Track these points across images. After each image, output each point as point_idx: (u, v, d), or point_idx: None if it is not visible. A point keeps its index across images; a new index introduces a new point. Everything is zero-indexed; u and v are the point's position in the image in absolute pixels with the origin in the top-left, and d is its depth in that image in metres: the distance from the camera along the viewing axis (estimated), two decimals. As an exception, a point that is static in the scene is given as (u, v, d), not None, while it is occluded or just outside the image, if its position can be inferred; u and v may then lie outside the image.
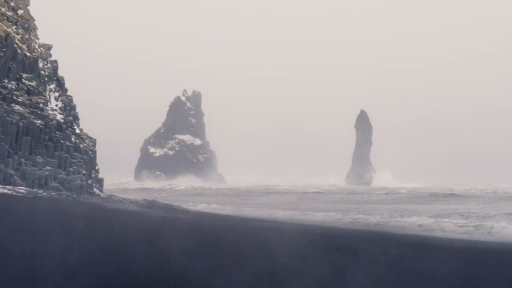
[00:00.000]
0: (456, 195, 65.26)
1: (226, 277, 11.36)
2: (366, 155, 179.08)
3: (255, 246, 17.01)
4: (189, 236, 19.33)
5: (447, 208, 43.94)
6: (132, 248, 14.61)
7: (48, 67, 52.65)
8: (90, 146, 50.94)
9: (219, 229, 23.68)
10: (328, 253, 15.76)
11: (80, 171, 47.26)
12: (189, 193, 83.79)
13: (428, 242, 21.22)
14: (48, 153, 45.22)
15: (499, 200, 55.78)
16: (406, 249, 17.68)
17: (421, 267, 14.11)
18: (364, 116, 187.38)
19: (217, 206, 46.54)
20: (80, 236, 16.93)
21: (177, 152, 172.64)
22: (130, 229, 20.57)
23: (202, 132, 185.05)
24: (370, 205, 51.04)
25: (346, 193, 76.10)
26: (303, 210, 41.77)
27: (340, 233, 24.00)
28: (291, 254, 15.24)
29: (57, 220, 21.53)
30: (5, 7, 48.83)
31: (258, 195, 73.34)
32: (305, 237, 20.28)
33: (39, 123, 45.16)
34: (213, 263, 13.12)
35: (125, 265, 11.92)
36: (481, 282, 12.91)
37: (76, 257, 12.50)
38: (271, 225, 26.46)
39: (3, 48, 45.48)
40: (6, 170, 41.15)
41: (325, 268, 13.22)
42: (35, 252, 12.69)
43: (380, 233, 24.23)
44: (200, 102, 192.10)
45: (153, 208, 38.48)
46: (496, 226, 25.83)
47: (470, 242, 22.11)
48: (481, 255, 18.10)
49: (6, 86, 44.75)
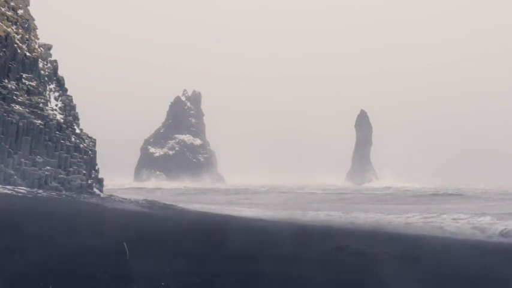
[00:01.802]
0: (458, 195, 65.27)
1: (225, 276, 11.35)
2: (366, 154, 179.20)
3: (255, 247, 17.00)
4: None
5: (447, 208, 43.92)
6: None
7: (48, 67, 52.65)
8: (90, 146, 50.93)
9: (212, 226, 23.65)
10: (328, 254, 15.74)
11: (80, 171, 47.25)
12: (181, 192, 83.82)
13: (430, 241, 21.21)
14: (48, 153, 45.21)
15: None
16: (409, 250, 17.67)
17: (425, 267, 14.10)
18: (364, 115, 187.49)
19: (215, 206, 46.52)
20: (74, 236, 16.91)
21: (177, 152, 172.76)
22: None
23: (202, 132, 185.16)
24: (371, 205, 51.01)
25: (346, 193, 76.09)
26: (302, 209, 41.77)
27: (341, 232, 23.98)
28: (283, 255, 15.23)
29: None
30: (5, 7, 48.81)
31: (258, 195, 73.34)
32: (301, 238, 20.25)
33: (39, 123, 45.16)
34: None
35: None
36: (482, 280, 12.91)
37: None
38: (271, 225, 26.45)
39: (3, 48, 45.47)
40: (6, 170, 41.14)
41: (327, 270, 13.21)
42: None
43: (380, 233, 24.22)
44: (200, 102, 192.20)
45: (152, 208, 38.48)
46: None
47: (473, 241, 22.09)
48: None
49: (6, 86, 44.74)
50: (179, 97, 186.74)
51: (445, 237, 23.42)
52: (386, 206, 49.63)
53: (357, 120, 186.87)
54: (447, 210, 40.51)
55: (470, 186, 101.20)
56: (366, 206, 49.63)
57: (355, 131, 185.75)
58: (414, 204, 52.25)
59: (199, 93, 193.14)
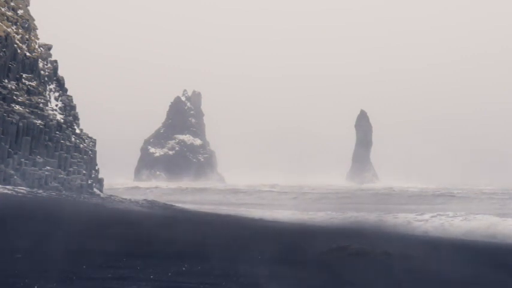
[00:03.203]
0: (456, 196, 65.24)
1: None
2: (366, 154, 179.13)
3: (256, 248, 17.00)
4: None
5: (447, 207, 43.92)
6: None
7: (48, 67, 52.63)
8: (90, 146, 50.94)
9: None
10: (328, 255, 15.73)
11: (80, 171, 47.26)
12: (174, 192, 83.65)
13: (430, 241, 21.21)
14: (48, 153, 45.20)
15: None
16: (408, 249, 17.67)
17: (423, 267, 14.10)
18: (364, 115, 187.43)
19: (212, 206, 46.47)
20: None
21: (177, 152, 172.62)
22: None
23: (202, 132, 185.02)
24: (371, 205, 51.00)
25: (346, 193, 76.05)
26: (302, 209, 41.77)
27: (341, 232, 23.97)
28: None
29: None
30: (5, 7, 48.82)
31: (258, 194, 73.30)
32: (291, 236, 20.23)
33: (39, 123, 45.15)
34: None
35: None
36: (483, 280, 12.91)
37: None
38: (271, 225, 26.44)
39: (3, 48, 45.47)
40: (6, 170, 41.14)
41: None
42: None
43: (380, 233, 24.22)
44: (200, 102, 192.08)
45: (152, 208, 38.47)
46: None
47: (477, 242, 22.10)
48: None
49: (6, 86, 44.74)
50: (179, 97, 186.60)
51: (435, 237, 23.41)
52: (386, 205, 49.63)
53: (357, 120, 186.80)
54: (447, 209, 40.53)
55: (473, 187, 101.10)
56: (367, 205, 49.62)
57: (355, 131, 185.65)
58: (414, 204, 52.24)
59: (199, 93, 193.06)
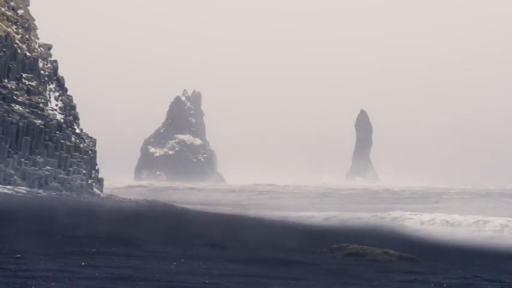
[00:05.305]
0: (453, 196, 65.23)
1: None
2: (366, 154, 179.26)
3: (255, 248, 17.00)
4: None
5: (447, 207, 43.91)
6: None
7: (48, 67, 52.62)
8: (90, 146, 50.92)
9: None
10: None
11: (80, 171, 47.24)
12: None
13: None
14: (48, 153, 45.19)
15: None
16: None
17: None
18: (364, 115, 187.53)
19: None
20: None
21: (177, 152, 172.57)
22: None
23: (202, 132, 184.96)
24: (371, 204, 50.99)
25: (346, 192, 75.99)
26: (302, 209, 41.76)
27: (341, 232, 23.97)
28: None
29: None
30: (5, 7, 48.82)
31: (258, 194, 73.28)
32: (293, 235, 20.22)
33: (39, 123, 45.14)
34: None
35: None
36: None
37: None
38: (270, 224, 26.46)
39: (3, 48, 45.47)
40: (6, 170, 41.14)
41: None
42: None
43: (380, 233, 24.23)
44: (200, 102, 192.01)
45: (153, 208, 38.46)
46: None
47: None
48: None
49: (6, 86, 44.74)
50: (179, 97, 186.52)
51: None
52: (386, 205, 49.61)
53: (357, 120, 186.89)
54: (447, 209, 40.51)
55: (473, 187, 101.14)
56: (367, 205, 49.61)
57: (355, 131, 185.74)
58: (414, 203, 52.23)
59: (199, 93, 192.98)
